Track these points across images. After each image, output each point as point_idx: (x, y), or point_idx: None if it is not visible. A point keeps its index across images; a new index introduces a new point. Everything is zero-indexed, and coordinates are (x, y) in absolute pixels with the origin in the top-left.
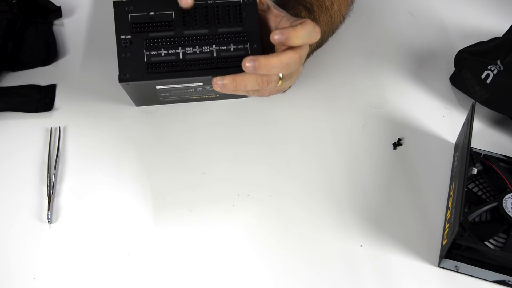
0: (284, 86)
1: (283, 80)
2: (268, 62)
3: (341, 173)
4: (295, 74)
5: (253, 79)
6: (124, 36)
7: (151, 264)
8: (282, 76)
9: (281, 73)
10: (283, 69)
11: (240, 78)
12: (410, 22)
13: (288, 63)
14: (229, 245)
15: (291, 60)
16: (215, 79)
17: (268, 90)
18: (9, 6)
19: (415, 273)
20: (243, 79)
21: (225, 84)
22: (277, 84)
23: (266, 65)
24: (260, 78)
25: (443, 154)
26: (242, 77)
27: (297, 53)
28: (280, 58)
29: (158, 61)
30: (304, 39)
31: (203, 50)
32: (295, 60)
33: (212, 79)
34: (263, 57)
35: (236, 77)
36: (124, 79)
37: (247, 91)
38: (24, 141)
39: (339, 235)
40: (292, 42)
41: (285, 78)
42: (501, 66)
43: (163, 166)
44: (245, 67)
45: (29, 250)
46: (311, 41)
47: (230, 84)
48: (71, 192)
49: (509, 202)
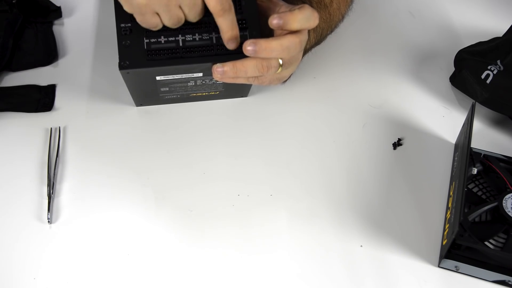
0: (284, 74)
1: (283, 67)
2: (269, 45)
3: (341, 173)
4: (295, 61)
5: (253, 65)
6: (124, 24)
7: (151, 264)
8: (282, 63)
9: (281, 57)
10: (284, 53)
11: (241, 64)
12: (410, 22)
13: (288, 46)
14: (229, 245)
15: (291, 43)
16: (215, 66)
17: (268, 77)
18: (9, 6)
19: (415, 273)
20: (244, 65)
21: (225, 71)
22: (277, 71)
23: (267, 48)
24: (260, 63)
25: (443, 154)
26: (243, 62)
27: (297, 37)
28: (281, 42)
29: (158, 48)
30: (302, 23)
31: (203, 37)
32: (295, 44)
33: (212, 67)
34: (263, 40)
35: (236, 63)
36: (124, 66)
37: (247, 78)
38: (24, 141)
39: (339, 235)
40: (291, 26)
41: (285, 65)
42: (501, 66)
43: (163, 166)
44: (246, 50)
45: (29, 250)
46: (310, 26)
47: (230, 70)
48: (71, 192)
49: (509, 202)
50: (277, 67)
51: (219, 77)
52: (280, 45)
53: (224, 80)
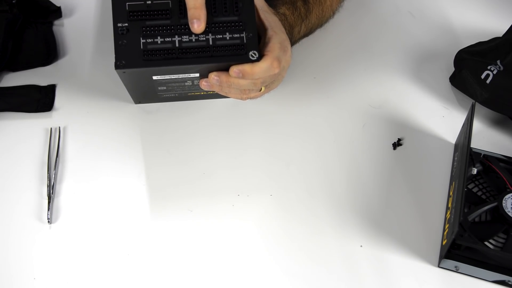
0: (267, 91)
1: (265, 88)
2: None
3: (341, 173)
4: (276, 81)
5: (234, 91)
6: (121, 24)
7: (151, 264)
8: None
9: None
10: (257, 83)
11: (227, 87)
12: (410, 22)
13: (263, 78)
14: (229, 245)
15: (265, 75)
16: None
17: (251, 95)
18: (9, 6)
19: (415, 273)
20: (229, 88)
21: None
22: (259, 91)
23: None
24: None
25: (443, 154)
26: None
27: (271, 71)
28: (252, 75)
29: (154, 49)
30: (261, 75)
31: (199, 39)
32: (270, 76)
33: (200, 81)
34: (227, 77)
35: (222, 84)
36: (120, 65)
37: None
38: (24, 141)
39: (339, 235)
40: (251, 78)
41: (267, 86)
42: (501, 66)
43: (163, 166)
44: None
45: (29, 250)
46: (270, 74)
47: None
48: (71, 192)
49: (509, 202)
50: (258, 90)
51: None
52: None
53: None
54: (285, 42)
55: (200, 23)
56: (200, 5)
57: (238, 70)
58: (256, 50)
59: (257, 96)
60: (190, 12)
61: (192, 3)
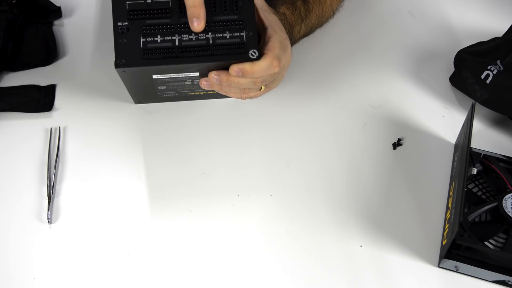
0: (267, 90)
1: (265, 87)
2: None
3: (341, 173)
4: (276, 80)
5: (234, 90)
6: (121, 23)
7: (151, 264)
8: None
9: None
10: (257, 82)
11: (226, 86)
12: (410, 22)
13: (263, 77)
14: (229, 245)
15: (265, 74)
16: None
17: (251, 94)
18: (9, 6)
19: (415, 273)
20: (229, 87)
21: (212, 84)
22: (260, 90)
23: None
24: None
25: (443, 154)
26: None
27: (271, 69)
28: (253, 74)
29: (154, 48)
30: (261, 74)
31: (199, 38)
32: (270, 75)
33: (200, 80)
34: (229, 76)
35: (222, 84)
36: (120, 64)
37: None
38: (24, 141)
39: (339, 235)
40: (251, 77)
41: (267, 85)
42: (501, 66)
43: (163, 166)
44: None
45: (29, 250)
46: (270, 73)
47: (216, 85)
48: (71, 192)
49: (509, 202)
50: (258, 89)
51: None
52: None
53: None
54: (285, 41)
55: (200, 22)
56: (199, 4)
57: (238, 69)
58: (256, 49)
59: (257, 95)
60: (189, 11)
61: (191, 2)
